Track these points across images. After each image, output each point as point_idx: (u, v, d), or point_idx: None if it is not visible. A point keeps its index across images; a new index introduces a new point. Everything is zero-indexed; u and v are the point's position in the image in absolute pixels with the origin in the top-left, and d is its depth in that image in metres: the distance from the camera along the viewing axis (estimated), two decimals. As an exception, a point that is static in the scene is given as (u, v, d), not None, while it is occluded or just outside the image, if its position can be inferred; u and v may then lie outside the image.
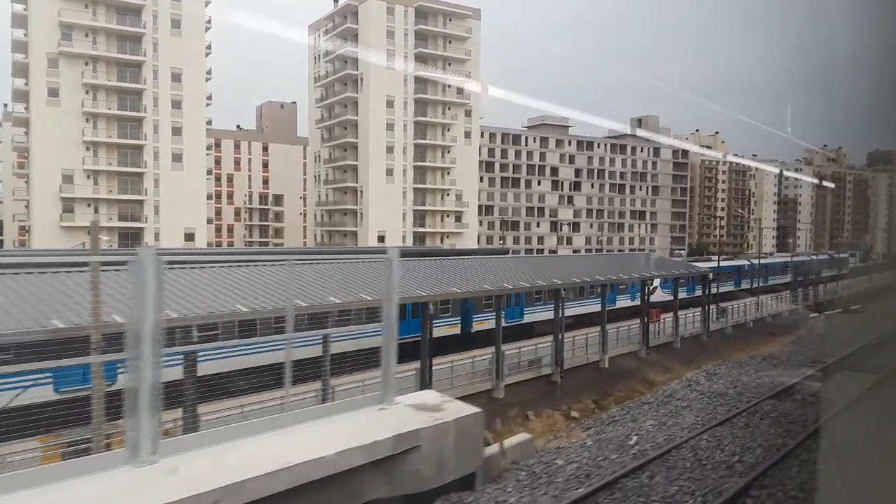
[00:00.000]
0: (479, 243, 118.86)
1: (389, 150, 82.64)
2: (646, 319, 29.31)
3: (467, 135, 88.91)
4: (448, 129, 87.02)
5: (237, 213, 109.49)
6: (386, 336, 8.98)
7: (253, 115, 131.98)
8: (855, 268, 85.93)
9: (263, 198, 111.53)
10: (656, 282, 49.22)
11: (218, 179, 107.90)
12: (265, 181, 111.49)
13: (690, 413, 17.09)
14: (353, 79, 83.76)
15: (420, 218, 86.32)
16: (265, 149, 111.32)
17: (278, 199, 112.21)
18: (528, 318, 36.96)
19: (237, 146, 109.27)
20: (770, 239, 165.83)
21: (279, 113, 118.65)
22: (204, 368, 17.54)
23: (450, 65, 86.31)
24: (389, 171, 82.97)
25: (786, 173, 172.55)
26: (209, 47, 75.42)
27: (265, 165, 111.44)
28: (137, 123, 69.60)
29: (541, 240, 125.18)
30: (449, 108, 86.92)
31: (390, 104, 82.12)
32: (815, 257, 74.28)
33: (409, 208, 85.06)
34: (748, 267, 60.18)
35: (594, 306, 40.59)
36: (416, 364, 22.83)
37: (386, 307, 9.00)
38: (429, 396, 10.03)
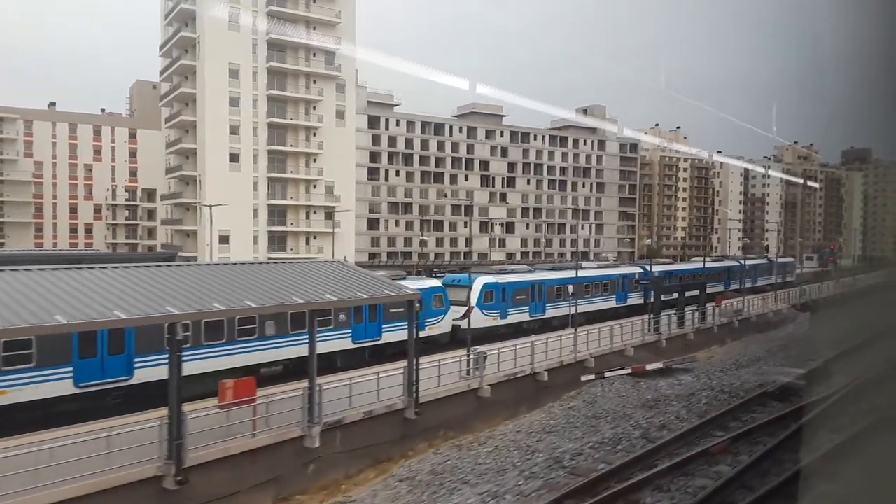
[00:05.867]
0: (394, 246, 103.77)
1: (235, 130, 67.21)
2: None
3: (340, 114, 73.51)
4: (314, 107, 71.63)
5: (97, 210, 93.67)
6: None
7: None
8: (803, 275, 71.50)
9: (131, 192, 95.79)
10: (474, 299, 34.10)
11: (72, 170, 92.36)
12: (133, 173, 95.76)
13: None
14: (191, 43, 68.31)
15: (279, 214, 70.81)
16: (133, 135, 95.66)
17: (151, 195, 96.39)
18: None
19: (97, 132, 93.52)
20: (735, 240, 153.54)
21: (152, 94, 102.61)
22: None
23: (315, 28, 71.01)
24: (235, 157, 67.49)
25: (755, 170, 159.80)
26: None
27: (133, 155, 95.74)
28: None
29: (468, 242, 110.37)
30: (315, 82, 71.53)
31: (234, 74, 66.70)
32: (742, 261, 59.27)
33: (262, 202, 69.54)
34: (640, 275, 44.89)
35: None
36: None
37: None
38: None
